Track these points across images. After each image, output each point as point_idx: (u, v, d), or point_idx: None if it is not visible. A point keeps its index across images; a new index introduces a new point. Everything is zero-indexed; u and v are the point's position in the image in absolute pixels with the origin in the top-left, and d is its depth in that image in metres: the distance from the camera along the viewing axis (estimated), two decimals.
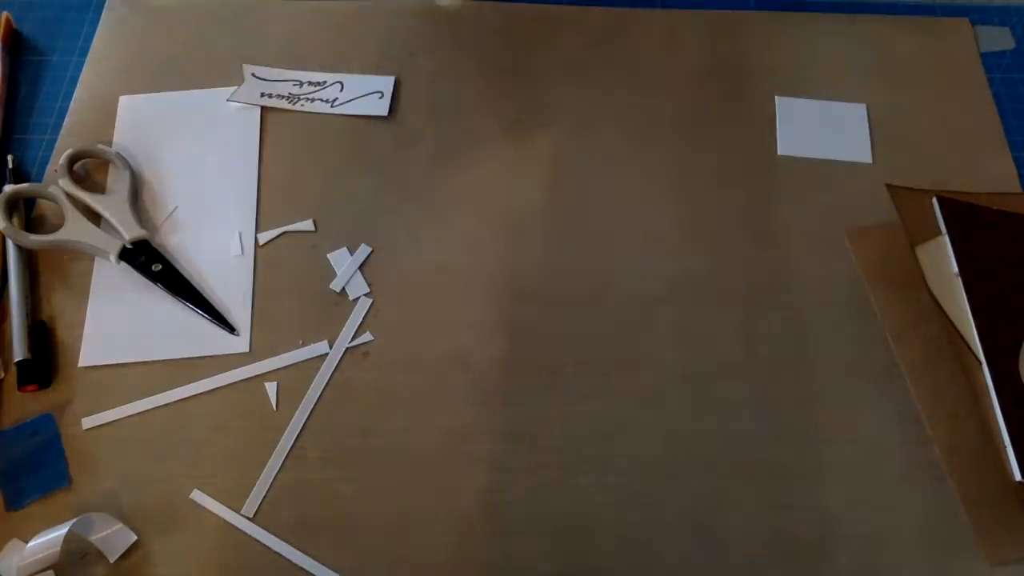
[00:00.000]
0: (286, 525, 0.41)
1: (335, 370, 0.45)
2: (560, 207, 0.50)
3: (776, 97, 0.54)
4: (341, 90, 0.52)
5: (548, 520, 0.42)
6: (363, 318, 0.46)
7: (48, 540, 0.38)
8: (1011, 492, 0.41)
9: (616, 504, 0.42)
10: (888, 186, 0.48)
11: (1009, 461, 0.40)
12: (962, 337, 0.44)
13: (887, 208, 0.48)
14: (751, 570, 0.41)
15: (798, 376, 0.45)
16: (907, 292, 0.46)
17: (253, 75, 0.52)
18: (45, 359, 0.44)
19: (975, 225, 0.46)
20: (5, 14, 0.56)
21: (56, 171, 0.49)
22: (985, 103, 0.54)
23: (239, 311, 0.47)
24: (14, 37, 0.56)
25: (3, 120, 0.52)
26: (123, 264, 0.47)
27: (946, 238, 0.45)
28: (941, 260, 0.45)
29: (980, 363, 0.42)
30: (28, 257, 0.47)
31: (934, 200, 0.46)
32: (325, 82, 0.52)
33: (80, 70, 0.54)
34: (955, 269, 0.44)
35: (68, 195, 0.48)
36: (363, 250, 0.48)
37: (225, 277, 0.48)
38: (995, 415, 0.41)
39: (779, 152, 0.52)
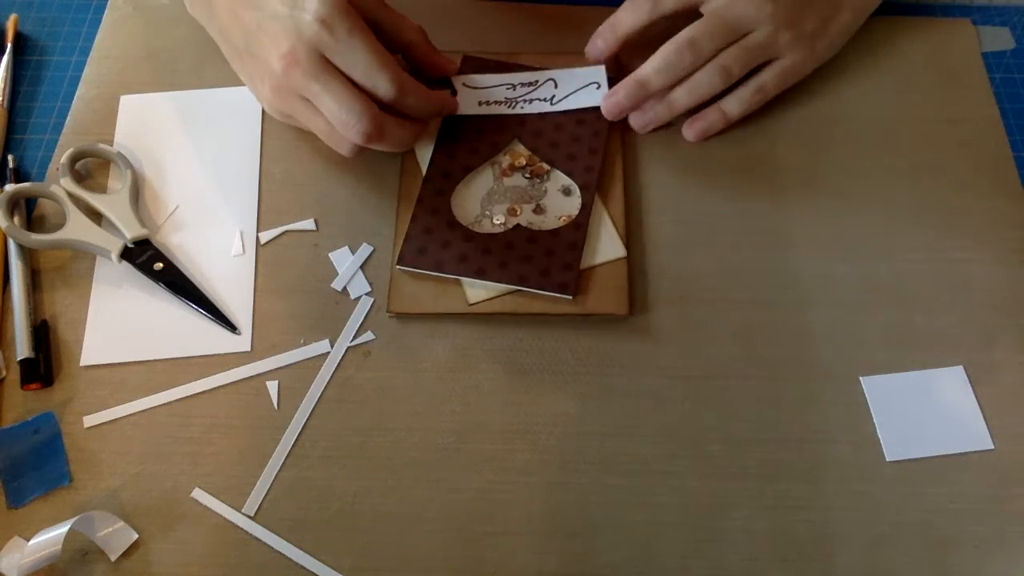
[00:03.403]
0: (287, 524, 0.41)
1: (336, 369, 0.45)
2: None
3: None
4: (556, 87, 0.52)
5: (548, 520, 0.42)
6: (364, 317, 0.46)
7: (49, 538, 0.39)
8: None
9: (616, 504, 0.42)
10: None
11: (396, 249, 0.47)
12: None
13: None
14: (751, 570, 0.41)
15: (798, 376, 0.45)
16: None
17: (464, 85, 0.51)
18: (48, 358, 0.45)
19: None
20: (14, 16, 0.56)
21: (57, 170, 0.49)
22: (986, 103, 0.54)
23: (240, 310, 0.47)
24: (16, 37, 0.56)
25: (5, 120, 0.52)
26: (124, 263, 0.47)
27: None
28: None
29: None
30: (30, 256, 0.48)
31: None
32: (537, 81, 0.52)
33: (81, 70, 0.54)
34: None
35: (69, 194, 0.48)
36: (365, 249, 0.48)
37: (226, 276, 0.48)
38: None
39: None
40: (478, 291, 0.46)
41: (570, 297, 0.45)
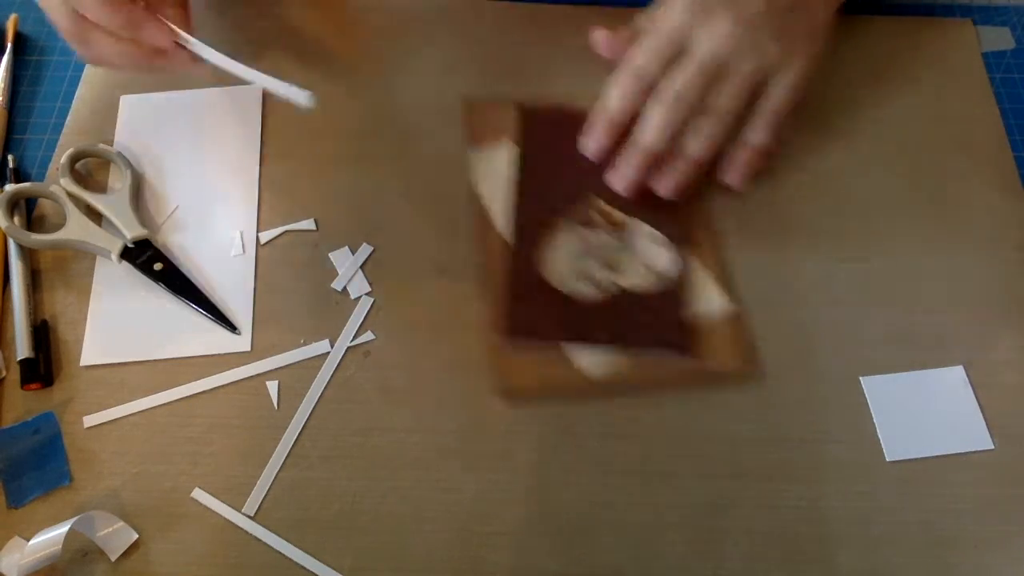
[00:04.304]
0: (287, 524, 0.41)
1: (336, 369, 0.45)
2: None
3: None
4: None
5: (548, 520, 0.42)
6: (364, 317, 0.46)
7: (49, 538, 0.39)
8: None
9: (616, 504, 0.42)
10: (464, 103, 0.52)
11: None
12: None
13: None
14: (751, 570, 0.41)
15: (798, 376, 0.45)
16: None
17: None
18: (48, 358, 0.45)
19: (543, 129, 0.51)
20: (14, 16, 0.56)
21: (57, 170, 0.49)
22: (986, 103, 0.54)
23: (240, 310, 0.47)
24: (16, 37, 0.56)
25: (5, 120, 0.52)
26: (124, 263, 0.47)
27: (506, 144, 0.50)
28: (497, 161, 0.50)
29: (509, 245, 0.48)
30: (30, 256, 0.47)
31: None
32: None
33: (80, 69, 0.54)
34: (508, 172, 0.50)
35: (69, 194, 0.48)
36: (365, 249, 0.48)
37: (226, 276, 0.48)
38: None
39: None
40: (592, 360, 0.44)
41: (688, 357, 0.45)
